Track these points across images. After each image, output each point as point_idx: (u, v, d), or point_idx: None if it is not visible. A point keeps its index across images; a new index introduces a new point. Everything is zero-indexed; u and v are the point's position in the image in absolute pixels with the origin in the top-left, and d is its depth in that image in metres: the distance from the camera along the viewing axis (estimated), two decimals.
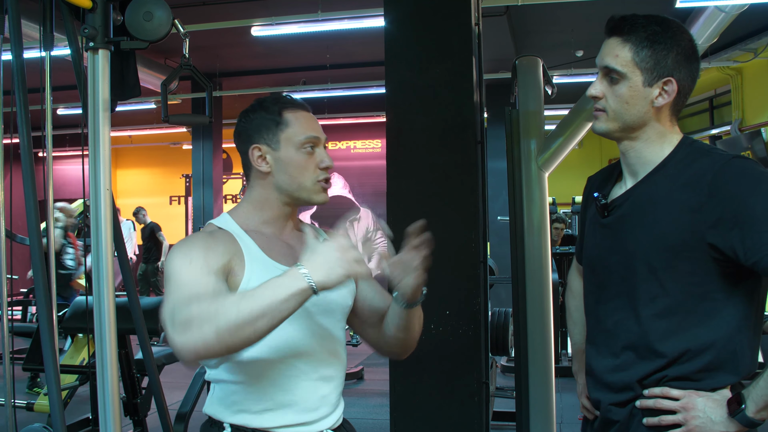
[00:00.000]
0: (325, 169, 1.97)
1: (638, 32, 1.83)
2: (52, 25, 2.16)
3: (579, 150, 15.90)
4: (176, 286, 1.73)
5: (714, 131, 12.41)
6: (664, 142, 1.88)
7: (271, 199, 1.98)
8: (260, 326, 1.59)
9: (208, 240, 1.84)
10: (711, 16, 7.91)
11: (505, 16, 8.41)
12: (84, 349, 5.34)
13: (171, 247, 1.90)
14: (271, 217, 1.99)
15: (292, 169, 1.94)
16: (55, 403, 2.00)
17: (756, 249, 1.64)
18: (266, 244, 1.93)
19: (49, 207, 2.40)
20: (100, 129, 2.15)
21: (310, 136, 1.95)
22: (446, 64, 3.51)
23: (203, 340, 1.58)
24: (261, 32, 8.63)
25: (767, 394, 1.63)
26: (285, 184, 1.95)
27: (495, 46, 9.53)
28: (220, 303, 1.61)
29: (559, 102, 10.73)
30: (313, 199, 1.98)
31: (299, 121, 1.96)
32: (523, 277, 3.59)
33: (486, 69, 4.42)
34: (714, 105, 12.94)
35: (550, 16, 9.21)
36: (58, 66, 2.27)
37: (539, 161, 3.60)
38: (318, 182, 1.96)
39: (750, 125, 11.13)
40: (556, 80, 10.35)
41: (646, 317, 1.82)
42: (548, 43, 10.55)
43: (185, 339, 1.60)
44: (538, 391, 3.53)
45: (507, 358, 7.96)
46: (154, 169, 19.32)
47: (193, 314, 1.60)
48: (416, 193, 3.52)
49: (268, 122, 1.95)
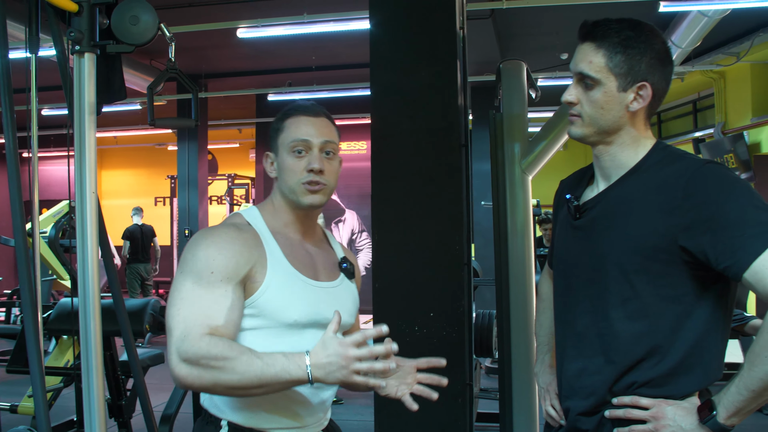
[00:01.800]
0: (311, 171, 1.97)
1: (611, 38, 1.84)
2: (37, 28, 2.15)
3: (564, 153, 15.96)
4: (193, 295, 1.77)
5: (697, 134, 12.47)
6: (638, 146, 1.90)
7: (281, 204, 2.03)
8: (255, 393, 1.71)
9: (238, 243, 1.87)
10: (694, 21, 7.97)
11: (490, 20, 8.43)
12: (69, 351, 5.32)
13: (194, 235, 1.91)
14: (288, 221, 2.03)
15: (284, 173, 1.99)
16: (40, 406, 2.00)
17: (727, 254, 1.65)
18: (290, 250, 1.96)
19: (34, 208, 2.40)
20: (86, 132, 2.15)
21: (296, 139, 1.97)
22: (431, 66, 3.52)
23: (201, 385, 1.70)
24: (247, 34, 8.62)
25: (738, 400, 1.64)
26: (283, 187, 2.01)
27: (480, 49, 9.55)
28: (228, 360, 1.67)
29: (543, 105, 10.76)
30: (300, 201, 1.99)
31: (293, 125, 2.00)
32: (506, 279, 3.61)
33: (471, 72, 4.44)
34: (697, 108, 13.01)
35: (534, 20, 9.24)
36: (43, 66, 2.27)
37: (523, 164, 3.62)
38: (303, 184, 1.97)
39: (733, 128, 11.20)
40: (541, 83, 10.38)
41: (616, 320, 1.83)
42: (533, 47, 10.57)
43: (185, 374, 1.70)
44: (522, 393, 3.55)
45: (491, 360, 7.98)
46: (139, 170, 19.26)
47: (202, 353, 1.68)
48: (401, 195, 3.53)
49: (274, 130, 2.04)
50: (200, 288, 1.77)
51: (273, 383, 1.67)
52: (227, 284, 1.79)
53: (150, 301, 4.89)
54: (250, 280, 1.85)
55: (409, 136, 3.53)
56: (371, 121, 3.60)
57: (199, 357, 1.68)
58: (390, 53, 3.60)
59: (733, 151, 10.83)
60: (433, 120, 3.50)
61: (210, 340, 1.69)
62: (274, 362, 1.67)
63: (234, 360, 1.67)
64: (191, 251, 1.83)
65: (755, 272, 1.61)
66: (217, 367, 1.67)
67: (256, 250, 1.88)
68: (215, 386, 1.69)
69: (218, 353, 1.67)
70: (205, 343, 1.69)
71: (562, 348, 2.01)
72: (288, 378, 1.66)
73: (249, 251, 1.86)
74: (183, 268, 1.83)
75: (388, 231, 3.56)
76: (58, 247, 6.45)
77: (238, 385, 1.67)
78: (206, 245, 1.83)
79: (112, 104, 2.31)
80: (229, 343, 1.70)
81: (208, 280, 1.78)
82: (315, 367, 1.65)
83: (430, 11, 3.56)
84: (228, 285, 1.79)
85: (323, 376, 1.65)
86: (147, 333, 4.81)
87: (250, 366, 1.66)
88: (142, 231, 13.17)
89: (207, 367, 1.67)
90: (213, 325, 1.74)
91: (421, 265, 3.50)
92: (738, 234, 1.64)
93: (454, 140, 3.48)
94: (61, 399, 5.37)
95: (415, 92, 3.53)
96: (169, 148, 17.52)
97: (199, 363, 1.68)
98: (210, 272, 1.79)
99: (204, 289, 1.77)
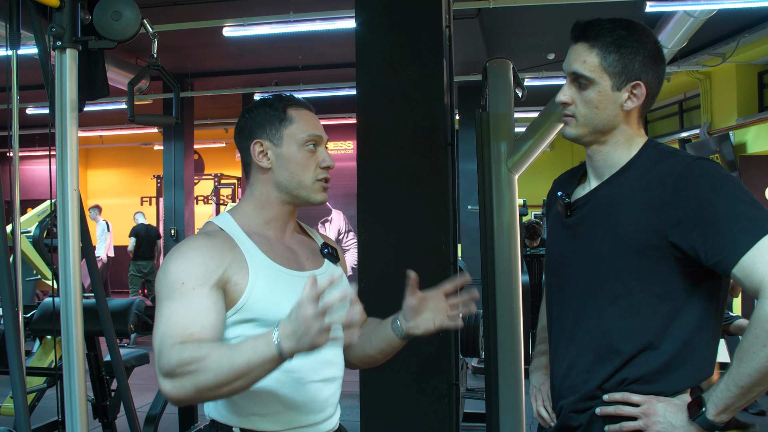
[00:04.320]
0: (326, 168, 1.96)
1: (604, 37, 1.83)
2: (18, 23, 2.13)
3: (550, 153, 16.02)
4: (168, 311, 1.72)
5: (683, 134, 12.54)
6: (631, 145, 1.89)
7: (272, 198, 1.96)
8: (237, 386, 1.62)
9: (205, 248, 1.80)
10: (680, 21, 7.99)
11: (476, 19, 8.43)
12: (52, 352, 5.29)
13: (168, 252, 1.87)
14: (272, 218, 1.96)
15: (293, 166, 1.93)
16: (20, 406, 1.98)
17: (717, 250, 1.64)
18: (269, 248, 1.91)
19: (16, 208, 2.38)
20: (68, 129, 2.13)
21: (313, 134, 1.94)
22: (417, 66, 3.51)
23: (186, 395, 1.64)
24: (233, 33, 8.59)
25: (728, 397, 1.63)
26: (285, 180, 1.93)
27: (466, 48, 9.55)
28: (198, 361, 1.61)
29: (529, 104, 10.80)
30: (311, 198, 1.96)
31: (303, 118, 1.95)
32: (492, 279, 3.60)
33: (457, 71, 4.44)
34: (683, 108, 13.08)
35: (521, 19, 9.26)
36: (28, 64, 2.25)
37: (509, 163, 3.61)
38: (318, 181, 1.94)
39: (718, 128, 11.26)
40: (527, 83, 10.42)
41: (607, 317, 1.82)
42: (520, 46, 10.60)
43: (169, 389, 1.65)
44: (508, 393, 3.54)
45: (478, 360, 7.97)
46: (125, 170, 19.21)
47: (174, 362, 1.62)
48: (387, 194, 3.52)
49: (271, 118, 1.94)
50: (174, 302, 1.73)
51: (248, 368, 1.59)
52: (200, 290, 1.74)
53: (135, 300, 4.86)
54: (230, 283, 1.79)
55: (395, 136, 3.52)
56: (357, 120, 3.59)
57: (174, 367, 1.62)
58: (376, 52, 3.59)
59: (719, 151, 10.89)
60: (419, 119, 3.49)
61: (181, 347, 1.64)
62: (244, 347, 1.60)
63: (204, 359, 1.60)
64: (163, 270, 1.79)
65: (743, 267, 1.61)
66: (191, 371, 1.61)
67: (229, 252, 1.82)
68: (198, 392, 1.62)
69: (187, 357, 1.61)
70: (176, 350, 1.64)
71: (555, 346, 2.01)
72: (259, 358, 1.57)
73: (220, 254, 1.80)
74: (157, 289, 1.79)
75: (374, 231, 3.55)
76: (42, 246, 6.40)
77: (217, 383, 1.60)
78: (175, 259, 1.78)
79: (95, 101, 2.29)
80: (198, 345, 1.64)
81: (180, 291, 1.73)
82: (284, 338, 1.56)
83: (416, 10, 3.55)
84: (201, 290, 1.74)
85: (294, 345, 1.55)
86: (132, 333, 4.78)
87: (221, 359, 1.60)
88: (147, 230, 13.51)
89: (183, 374, 1.61)
90: (187, 333, 1.68)
91: (407, 265, 3.45)
92: (727, 230, 1.64)
93: (440, 139, 3.48)
94: (45, 399, 5.32)
95: (400, 91, 3.52)
96: (155, 147, 17.48)
97: (175, 373, 1.62)
98: (181, 283, 1.74)
99: (176, 302, 1.72)
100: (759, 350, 1.57)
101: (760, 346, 1.57)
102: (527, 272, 8.13)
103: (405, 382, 3.45)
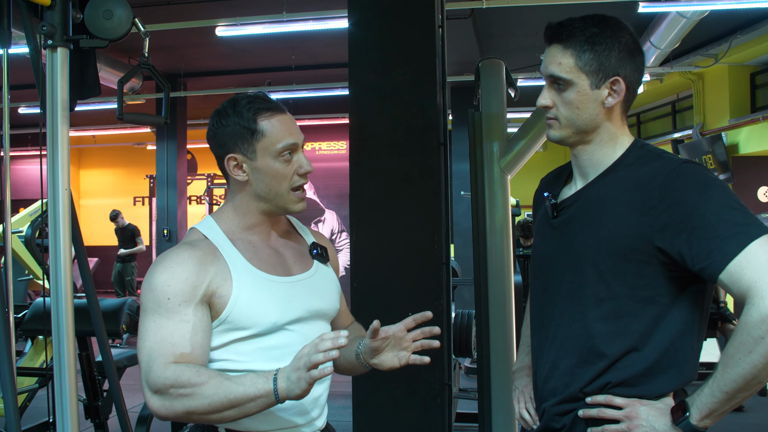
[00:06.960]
0: (304, 174, 1.94)
1: (577, 37, 1.82)
2: (9, 22, 2.12)
3: (543, 153, 16.02)
4: (155, 326, 1.74)
5: (676, 135, 12.56)
6: (616, 144, 1.88)
7: (251, 207, 1.94)
8: (228, 416, 1.68)
9: (189, 263, 1.80)
10: (673, 22, 8.01)
11: (469, 19, 8.44)
12: (44, 352, 5.28)
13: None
14: (254, 223, 1.95)
15: (269, 179, 1.90)
16: (10, 407, 1.97)
17: (703, 256, 1.63)
18: (253, 254, 1.90)
19: (7, 208, 2.37)
20: (59, 128, 2.12)
21: (287, 143, 1.89)
22: (410, 66, 3.51)
23: (175, 414, 1.69)
24: (226, 32, 8.58)
25: (712, 402, 1.62)
26: (263, 192, 1.92)
27: (459, 48, 9.56)
28: (196, 386, 1.66)
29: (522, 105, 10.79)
30: (290, 208, 1.95)
31: (275, 128, 1.89)
32: (485, 279, 3.60)
33: (450, 72, 4.44)
34: (676, 109, 13.11)
35: (514, 20, 9.26)
36: (22, 64, 2.24)
37: (502, 163, 3.61)
38: (292, 191, 1.93)
39: (711, 129, 11.29)
40: (520, 83, 10.41)
41: (591, 320, 1.81)
42: (513, 46, 10.60)
43: (158, 406, 1.69)
44: (501, 393, 3.54)
45: (470, 360, 7.97)
46: (117, 170, 19.17)
47: (169, 383, 1.66)
48: (379, 194, 3.52)
49: (242, 131, 1.88)
50: (160, 317, 1.74)
51: (243, 400, 1.64)
52: (186, 307, 1.75)
53: (127, 300, 4.86)
54: (214, 296, 1.80)
55: (388, 135, 3.51)
56: (350, 120, 3.58)
57: (167, 386, 1.66)
58: (368, 52, 3.58)
59: (711, 152, 10.92)
60: (412, 119, 3.49)
61: (176, 369, 1.67)
62: (243, 379, 1.66)
63: (202, 385, 1.65)
64: (147, 281, 1.79)
65: (730, 274, 1.59)
66: (186, 394, 1.65)
67: (212, 265, 1.82)
68: (189, 414, 1.67)
69: (186, 380, 1.65)
70: (171, 371, 1.67)
71: (538, 347, 1.99)
72: (256, 392, 1.64)
73: (204, 269, 1.80)
74: (142, 300, 1.80)
75: (367, 231, 3.54)
76: (34, 246, 6.38)
77: (210, 409, 1.65)
78: (160, 272, 1.78)
79: (87, 101, 2.28)
80: (197, 369, 1.68)
81: (166, 307, 1.74)
82: (281, 378, 1.64)
83: (409, 10, 3.55)
84: (187, 308, 1.75)
85: (286, 393, 1.63)
86: (124, 333, 4.77)
87: (219, 387, 1.65)
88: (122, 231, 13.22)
89: (177, 396, 1.66)
90: (178, 352, 1.71)
91: (399, 265, 3.49)
92: (713, 235, 1.62)
93: (432, 139, 3.47)
94: (37, 400, 5.30)
95: (393, 91, 3.51)
96: (148, 147, 17.44)
97: (168, 392, 1.66)
98: (167, 299, 1.74)
99: (164, 317, 1.73)
100: (745, 356, 1.56)
101: (746, 352, 1.56)
102: (520, 272, 8.13)
103: (397, 382, 3.44)
